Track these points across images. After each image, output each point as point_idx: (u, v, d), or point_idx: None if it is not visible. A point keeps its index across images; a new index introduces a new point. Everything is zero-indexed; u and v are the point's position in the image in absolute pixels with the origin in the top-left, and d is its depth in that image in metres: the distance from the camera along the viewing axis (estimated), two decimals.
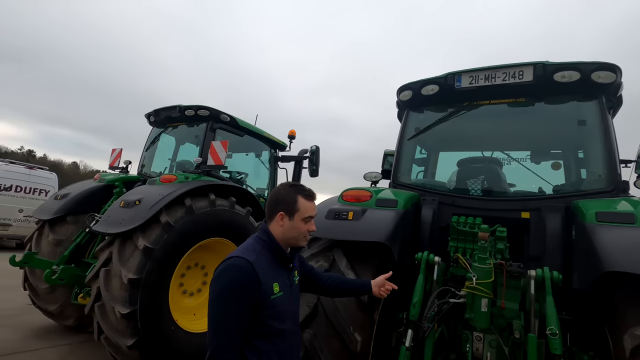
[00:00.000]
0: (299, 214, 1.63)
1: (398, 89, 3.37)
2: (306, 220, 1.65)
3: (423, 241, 2.79)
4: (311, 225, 1.68)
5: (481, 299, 2.09)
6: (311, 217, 1.67)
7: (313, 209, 1.68)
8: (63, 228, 4.52)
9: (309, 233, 1.69)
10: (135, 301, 3.28)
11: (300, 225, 1.64)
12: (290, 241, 1.66)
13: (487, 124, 3.34)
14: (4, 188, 10.36)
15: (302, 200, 1.65)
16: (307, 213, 1.65)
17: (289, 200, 1.64)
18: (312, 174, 5.92)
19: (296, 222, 1.63)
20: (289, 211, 1.63)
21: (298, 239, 1.66)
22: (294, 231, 1.63)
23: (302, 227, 1.65)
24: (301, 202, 1.64)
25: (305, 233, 1.67)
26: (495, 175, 3.06)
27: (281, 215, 1.63)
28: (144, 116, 5.60)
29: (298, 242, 1.67)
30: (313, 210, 1.68)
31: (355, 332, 2.17)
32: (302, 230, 1.65)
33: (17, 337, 4.40)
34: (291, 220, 1.63)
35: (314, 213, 1.69)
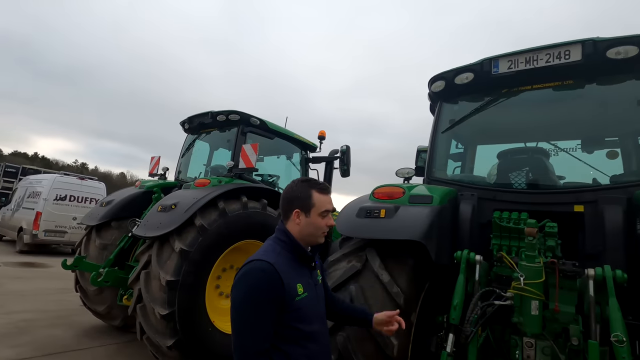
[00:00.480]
0: (315, 209, 1.55)
1: (430, 80, 3.21)
2: (323, 214, 1.57)
3: (462, 239, 2.61)
4: (329, 219, 1.60)
5: (531, 301, 1.90)
6: (328, 210, 1.59)
7: (329, 202, 1.60)
8: (108, 233, 4.78)
9: (328, 228, 1.60)
10: (174, 302, 3.37)
11: (318, 221, 1.56)
12: (308, 239, 1.58)
13: (530, 111, 3.08)
14: (59, 198, 11.21)
15: (316, 194, 1.57)
16: (324, 207, 1.56)
17: (303, 197, 1.56)
18: (343, 174, 5.84)
19: (313, 217, 1.55)
20: (305, 207, 1.55)
21: (317, 235, 1.58)
22: (311, 227, 1.56)
23: (320, 223, 1.56)
24: (316, 197, 1.56)
25: (324, 228, 1.58)
26: (542, 167, 2.81)
27: (297, 212, 1.56)
28: (179, 124, 5.81)
29: (317, 239, 1.59)
30: (329, 204, 1.60)
31: (391, 336, 2.05)
32: (320, 226, 1.57)
33: (70, 335, 4.68)
34: (308, 217, 1.55)
35: (331, 207, 1.60)
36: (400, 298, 2.13)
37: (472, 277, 2.21)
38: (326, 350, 1.57)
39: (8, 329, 4.64)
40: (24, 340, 4.33)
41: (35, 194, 11.40)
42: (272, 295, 1.36)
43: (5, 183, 16.01)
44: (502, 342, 2.18)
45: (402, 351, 2.11)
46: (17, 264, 9.38)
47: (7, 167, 16.58)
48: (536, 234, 1.97)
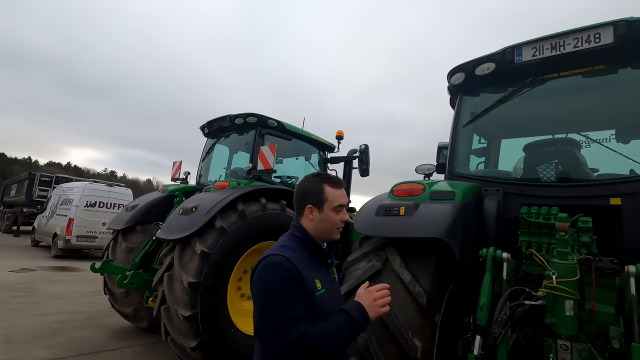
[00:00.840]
0: (328, 204, 1.51)
1: (449, 73, 3.10)
2: (337, 209, 1.52)
3: (487, 237, 2.49)
4: (344, 214, 1.55)
5: (564, 301, 1.77)
6: (342, 205, 1.54)
7: (342, 196, 1.55)
8: (133, 236, 4.91)
9: (342, 223, 1.55)
10: (196, 304, 3.40)
11: (332, 216, 1.51)
12: (323, 235, 1.54)
13: (558, 101, 2.91)
14: (89, 204, 11.69)
15: (329, 189, 1.52)
16: (337, 202, 1.52)
17: (315, 191, 1.53)
18: (362, 174, 5.75)
19: (326, 213, 1.51)
20: (317, 202, 1.52)
21: (331, 231, 1.53)
22: (325, 223, 1.51)
23: (334, 218, 1.52)
24: (328, 191, 1.52)
25: (339, 224, 1.53)
26: (572, 158, 2.65)
27: (309, 208, 1.52)
28: (199, 129, 5.91)
29: (332, 235, 1.54)
30: (343, 198, 1.55)
31: (414, 338, 1.97)
32: (334, 221, 1.52)
33: (100, 336, 4.84)
34: (321, 212, 1.51)
35: (344, 201, 1.55)
36: (422, 298, 2.05)
37: (499, 275, 2.10)
38: (343, 350, 1.51)
39: (43, 330, 4.85)
40: (57, 341, 4.51)
41: (68, 201, 11.94)
42: (295, 285, 1.33)
43: (41, 192, 16.87)
44: (534, 345, 2.05)
45: (427, 354, 2.03)
46: (52, 268, 9.84)
47: (42, 177, 17.48)
48: (568, 229, 1.84)
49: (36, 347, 4.28)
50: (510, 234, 2.56)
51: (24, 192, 17.69)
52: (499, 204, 2.56)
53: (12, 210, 19.36)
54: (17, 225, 18.13)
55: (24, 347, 4.24)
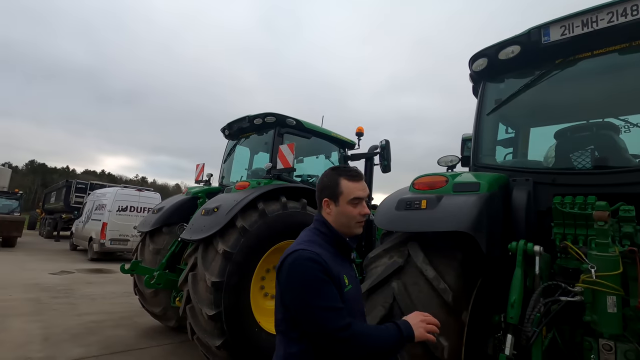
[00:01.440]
0: (344, 197, 1.45)
1: (470, 59, 2.95)
2: (354, 202, 1.45)
3: (517, 230, 2.34)
4: (363, 207, 1.47)
5: (606, 297, 1.62)
6: (359, 198, 1.46)
7: (360, 189, 1.48)
8: (160, 238, 5.04)
9: (362, 217, 1.47)
10: (220, 303, 3.43)
11: (349, 210, 1.45)
12: (343, 229, 1.47)
13: (591, 83, 2.70)
14: (121, 209, 12.18)
15: (344, 181, 1.47)
16: (353, 194, 1.45)
17: (331, 185, 1.48)
18: (384, 170, 5.63)
19: (342, 206, 1.45)
20: (333, 196, 1.47)
21: (350, 225, 1.47)
22: (343, 217, 1.46)
23: (352, 211, 1.45)
24: (344, 184, 1.46)
25: (358, 217, 1.46)
26: (610, 143, 2.45)
27: (326, 202, 1.48)
28: (220, 131, 5.99)
29: (352, 230, 1.48)
30: (360, 191, 1.47)
31: (440, 337, 1.87)
32: (352, 215, 1.45)
33: (132, 335, 5.00)
34: (337, 206, 1.46)
35: (362, 194, 1.48)
36: (448, 295, 1.94)
37: (531, 270, 1.96)
38: None
39: (79, 330, 5.07)
40: (92, 340, 4.69)
41: (101, 206, 12.49)
42: (329, 278, 1.29)
43: (77, 198, 17.79)
44: (573, 345, 1.90)
45: (454, 354, 1.92)
46: (89, 271, 10.31)
47: (77, 184, 18.44)
48: (608, 219, 1.69)
49: (72, 345, 4.47)
50: (542, 226, 2.40)
51: (62, 199, 18.71)
52: (529, 194, 2.40)
53: (53, 216, 20.53)
54: (57, 231, 19.20)
55: (62, 346, 4.44)
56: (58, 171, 76.64)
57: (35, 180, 67.72)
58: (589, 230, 2.05)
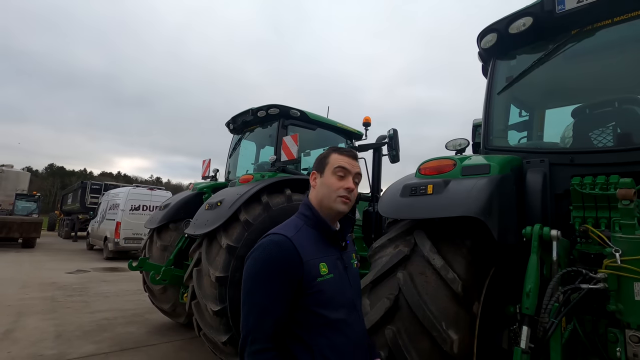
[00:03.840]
0: (329, 167, 1.36)
1: (478, 35, 2.76)
2: (337, 172, 1.34)
3: (532, 214, 2.17)
4: (347, 181, 1.35)
5: (633, 283, 1.46)
6: (343, 168, 1.35)
7: (347, 161, 1.36)
8: (167, 235, 5.02)
9: (346, 191, 1.33)
10: (224, 298, 3.36)
11: (331, 180, 1.33)
12: (324, 203, 1.34)
13: (612, 56, 2.49)
14: (134, 208, 12.34)
15: (334, 154, 1.38)
16: (337, 163, 1.35)
17: (321, 158, 1.42)
18: (392, 160, 5.46)
19: (326, 177, 1.35)
20: (320, 167, 1.40)
21: (331, 198, 1.33)
22: (324, 188, 1.34)
23: (334, 183, 1.33)
24: (333, 156, 1.38)
25: (340, 191, 1.33)
26: (634, 117, 2.25)
27: (313, 175, 1.41)
28: (224, 125, 5.92)
29: (331, 204, 1.33)
30: (347, 163, 1.36)
31: (449, 329, 1.74)
32: (333, 187, 1.33)
33: (143, 332, 5.01)
34: (322, 177, 1.37)
35: (348, 166, 1.36)
36: (457, 285, 1.81)
37: (548, 257, 1.80)
38: (357, 344, 1.32)
39: (92, 327, 5.11)
40: (104, 337, 4.72)
41: (115, 206, 12.68)
42: (287, 271, 1.19)
43: (92, 199, 18.17)
44: (596, 337, 1.74)
45: (465, 347, 1.79)
46: (104, 269, 10.49)
47: (92, 185, 18.83)
48: (634, 197, 1.52)
49: (85, 342, 4.50)
50: (560, 210, 2.23)
51: (78, 200, 19.15)
52: (545, 176, 2.23)
53: (70, 217, 21.04)
54: (75, 231, 19.67)
55: (74, 342, 4.47)
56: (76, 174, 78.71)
57: (55, 183, 69.71)
58: (612, 212, 1.88)
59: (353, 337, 1.30)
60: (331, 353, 1.21)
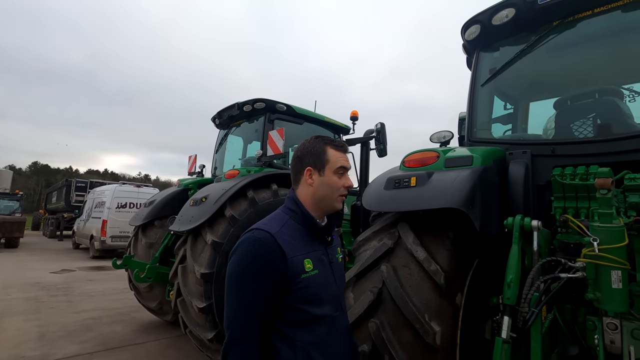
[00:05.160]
0: (330, 166, 1.32)
1: (462, 27, 2.75)
2: (339, 172, 1.33)
3: (515, 205, 2.18)
4: (347, 179, 1.35)
5: (610, 272, 1.48)
6: (344, 168, 1.35)
7: (346, 159, 1.36)
8: (152, 232, 4.94)
9: (346, 189, 1.35)
10: (210, 295, 3.32)
11: (333, 180, 1.32)
12: (324, 202, 1.33)
13: (593, 48, 2.51)
14: (120, 206, 12.12)
15: (331, 150, 1.34)
16: (339, 163, 1.33)
17: (316, 152, 1.34)
18: (380, 154, 5.45)
19: (328, 176, 1.31)
20: (318, 164, 1.32)
21: (332, 198, 1.33)
22: (326, 188, 1.32)
23: (336, 182, 1.32)
24: (331, 152, 1.33)
25: (342, 190, 1.34)
26: (613, 108, 2.27)
27: (309, 171, 1.33)
28: (210, 120, 5.83)
29: (333, 203, 1.34)
30: (346, 161, 1.36)
31: (431, 321, 1.74)
32: (336, 186, 1.32)
33: (129, 331, 4.94)
34: (322, 175, 1.32)
35: (348, 165, 1.36)
36: (439, 277, 1.81)
37: (529, 247, 1.81)
38: (340, 337, 1.31)
39: (76, 327, 5.01)
40: (88, 337, 4.63)
41: (101, 204, 12.44)
42: (270, 268, 1.17)
43: (77, 197, 17.76)
44: (576, 326, 1.76)
45: (448, 339, 1.79)
46: (90, 268, 10.31)
47: (77, 183, 18.39)
48: (611, 186, 1.53)
49: (69, 342, 4.41)
50: (542, 201, 2.25)
51: (62, 198, 18.71)
52: (527, 167, 2.24)
53: (55, 216, 20.58)
54: (60, 230, 19.26)
55: (57, 343, 4.38)
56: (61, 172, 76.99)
57: (39, 181, 68.11)
58: (591, 202, 1.90)
59: (337, 332, 1.29)
60: (314, 348, 1.20)
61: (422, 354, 1.72)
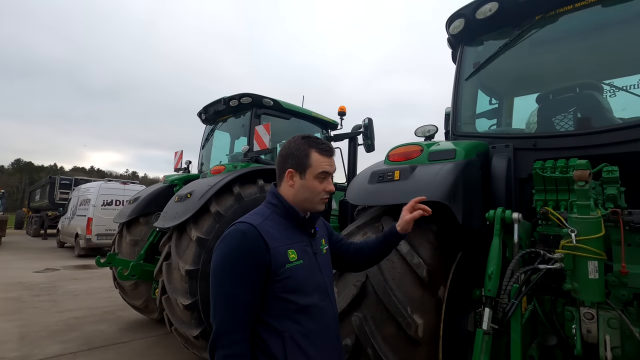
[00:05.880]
0: (312, 170, 1.32)
1: (447, 21, 2.75)
2: (321, 177, 1.34)
3: (497, 199, 2.20)
4: (328, 184, 1.36)
5: (587, 262, 1.50)
6: (327, 173, 1.35)
7: (329, 164, 1.36)
8: (137, 229, 4.86)
9: (327, 194, 1.36)
10: (195, 292, 3.28)
11: (314, 184, 1.33)
12: (304, 204, 1.36)
13: (574, 43, 2.53)
14: (106, 203, 11.90)
15: (315, 154, 1.34)
16: (321, 168, 1.33)
17: (299, 155, 1.34)
18: (368, 149, 5.46)
19: (309, 180, 1.33)
20: (300, 167, 1.33)
21: (313, 201, 1.35)
22: (306, 192, 1.33)
23: (317, 187, 1.33)
24: (314, 157, 1.33)
25: (322, 194, 1.35)
26: (593, 103, 2.30)
27: (290, 173, 1.34)
28: (196, 115, 5.75)
29: (314, 206, 1.36)
30: (329, 166, 1.36)
31: (414, 314, 1.74)
32: (317, 191, 1.34)
33: (114, 330, 4.86)
34: (302, 179, 1.33)
35: (331, 169, 1.36)
36: (422, 270, 1.81)
37: (510, 240, 1.83)
38: (329, 327, 1.32)
39: (59, 327, 4.91)
40: (72, 336, 4.54)
41: (86, 202, 12.19)
42: (254, 259, 1.18)
43: (62, 194, 17.37)
44: (555, 316, 1.79)
45: (431, 331, 1.80)
46: (74, 267, 10.11)
47: (61, 180, 17.98)
48: (589, 178, 1.55)
49: (50, 342, 4.31)
50: (524, 194, 2.27)
51: (46, 196, 18.29)
52: (509, 161, 2.26)
53: (39, 214, 20.10)
54: (44, 229, 18.83)
55: (39, 343, 4.28)
56: (45, 169, 75.26)
57: (22, 179, 66.42)
58: (571, 194, 1.93)
59: (325, 321, 1.30)
60: (302, 338, 1.20)
61: (404, 347, 1.72)
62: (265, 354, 1.18)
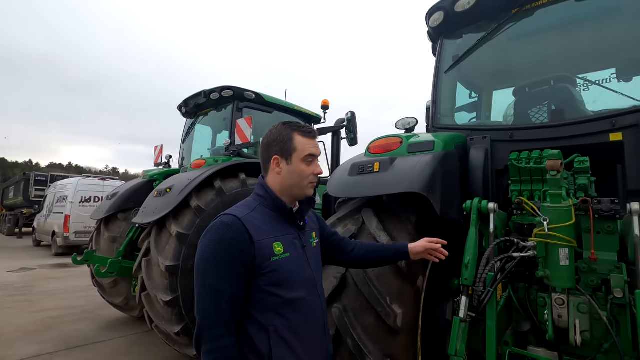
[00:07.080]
0: (298, 154, 1.30)
1: (426, 14, 2.77)
2: (307, 160, 1.32)
3: (475, 190, 2.24)
4: (316, 166, 1.34)
5: (558, 250, 1.54)
6: (313, 155, 1.33)
7: (314, 146, 1.35)
8: (116, 225, 4.74)
9: (315, 177, 1.34)
10: (176, 288, 3.23)
11: (301, 168, 1.31)
12: (293, 191, 1.33)
13: (548, 37, 2.58)
14: (84, 200, 11.54)
15: (299, 137, 1.32)
16: (307, 151, 1.31)
17: (283, 140, 1.31)
18: (351, 143, 5.47)
19: (295, 164, 1.30)
20: (285, 152, 1.31)
21: (302, 186, 1.33)
22: (294, 177, 1.31)
23: (305, 170, 1.31)
24: (298, 140, 1.31)
25: (311, 177, 1.33)
26: (566, 96, 2.36)
27: (276, 160, 1.31)
28: (177, 109, 5.62)
29: (303, 191, 1.34)
30: (314, 148, 1.34)
31: (393, 304, 1.76)
32: (305, 174, 1.31)
33: (93, 329, 4.74)
34: (289, 164, 1.30)
35: (316, 151, 1.35)
36: (402, 262, 1.82)
37: (487, 229, 1.86)
38: (316, 320, 1.31)
39: (36, 327, 4.76)
40: (49, 336, 4.41)
41: (63, 198, 11.80)
42: (237, 252, 1.16)
43: (37, 192, 16.74)
44: (529, 303, 1.84)
45: (409, 321, 1.82)
46: (51, 266, 9.79)
47: (36, 177, 17.32)
48: (560, 168, 1.59)
49: (26, 343, 4.18)
50: (501, 185, 2.32)
51: (21, 193, 17.62)
52: (487, 152, 2.30)
53: (13, 212, 19.36)
54: (19, 227, 18.16)
55: (14, 344, 4.14)
56: (20, 165, 72.32)
57: None
58: (544, 185, 1.98)
59: (313, 315, 1.29)
60: (288, 332, 1.19)
61: (384, 337, 1.74)
62: (250, 348, 1.16)
